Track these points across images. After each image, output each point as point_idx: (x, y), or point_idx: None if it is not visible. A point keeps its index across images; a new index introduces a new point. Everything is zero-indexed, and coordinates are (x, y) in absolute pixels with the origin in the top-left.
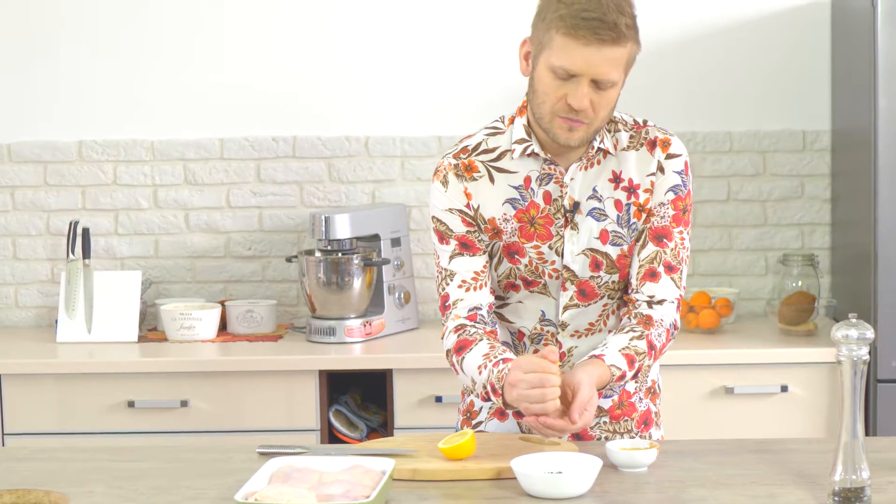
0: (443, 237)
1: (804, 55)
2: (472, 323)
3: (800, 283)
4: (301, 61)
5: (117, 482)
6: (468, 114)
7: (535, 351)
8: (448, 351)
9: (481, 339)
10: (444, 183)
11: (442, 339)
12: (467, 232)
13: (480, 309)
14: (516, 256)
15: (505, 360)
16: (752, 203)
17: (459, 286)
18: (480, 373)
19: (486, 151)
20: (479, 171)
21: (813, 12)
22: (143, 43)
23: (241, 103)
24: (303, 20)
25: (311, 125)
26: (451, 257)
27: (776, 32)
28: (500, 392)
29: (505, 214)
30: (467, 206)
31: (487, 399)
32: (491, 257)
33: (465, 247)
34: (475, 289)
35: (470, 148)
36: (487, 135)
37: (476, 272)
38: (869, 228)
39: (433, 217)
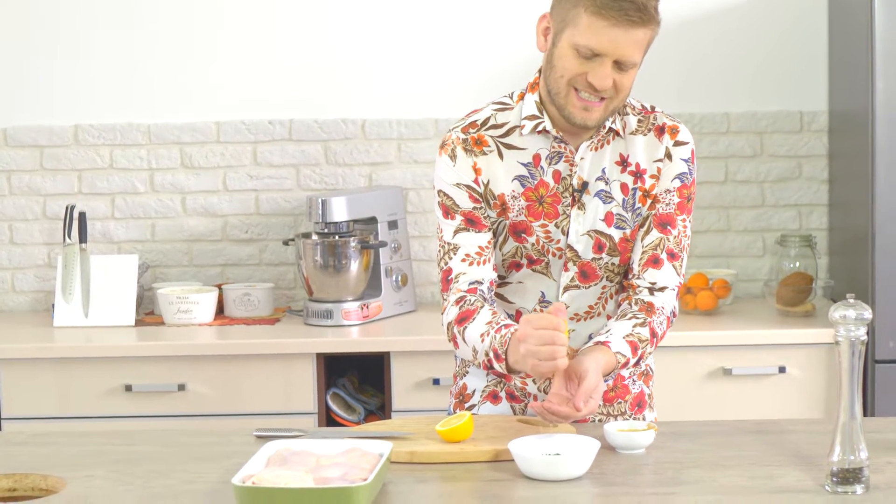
0: (448, 212)
1: (801, 36)
2: (472, 295)
3: (797, 263)
4: (297, 44)
5: (114, 466)
6: (465, 96)
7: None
8: (449, 324)
9: (483, 307)
10: (452, 157)
11: (442, 314)
12: (474, 208)
13: (481, 284)
14: (523, 235)
15: (507, 326)
16: (749, 184)
17: (463, 260)
18: (483, 340)
19: (494, 126)
20: (489, 146)
21: None
22: (140, 27)
23: (237, 86)
24: (300, 4)
25: (308, 108)
26: (456, 232)
27: (773, 13)
28: (504, 357)
29: (514, 191)
30: (475, 181)
31: (489, 367)
32: (495, 236)
33: (471, 223)
34: (478, 263)
35: (479, 122)
36: (496, 110)
37: (480, 247)
38: (866, 209)
39: (439, 191)
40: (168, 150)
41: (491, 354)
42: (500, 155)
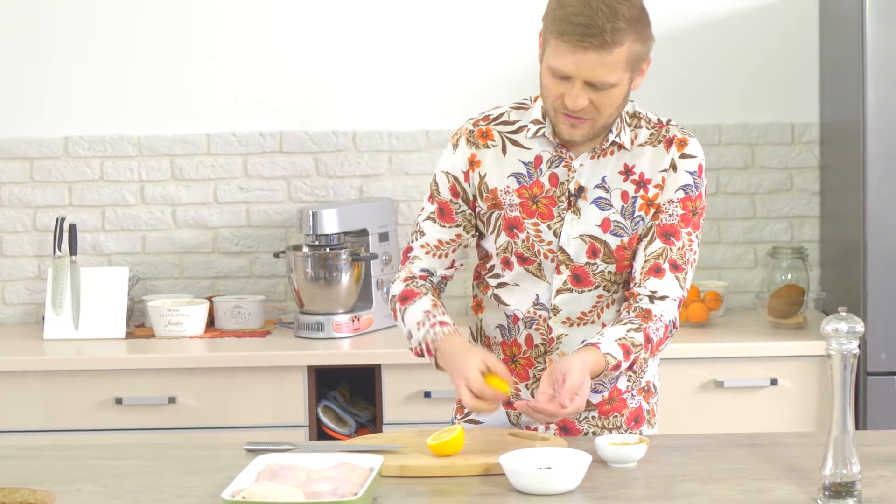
0: (432, 195)
1: (793, 47)
2: (421, 281)
3: (789, 275)
4: (288, 56)
5: (104, 480)
6: (456, 108)
7: (528, 336)
8: (393, 297)
9: (426, 294)
10: (455, 146)
11: (392, 283)
12: (450, 200)
13: (433, 275)
14: (515, 231)
15: (442, 324)
16: (741, 196)
17: (422, 247)
18: (419, 329)
19: (505, 123)
20: (494, 140)
21: (801, 4)
22: (130, 38)
23: (228, 98)
24: (290, 15)
25: (298, 120)
26: (427, 217)
27: (765, 25)
28: (434, 354)
29: (508, 187)
30: (467, 174)
31: (421, 355)
32: (487, 228)
33: (442, 214)
34: (435, 256)
35: (492, 117)
36: (512, 108)
37: (440, 241)
38: (858, 221)
39: (434, 174)
40: (158, 162)
41: (423, 346)
42: (504, 150)
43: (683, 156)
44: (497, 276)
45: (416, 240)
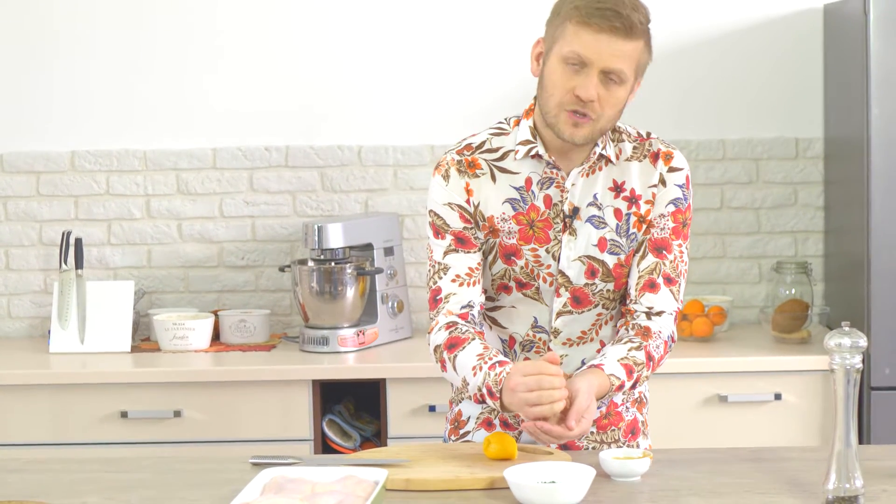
0: (438, 232)
1: (797, 63)
2: (464, 322)
3: (793, 290)
4: (293, 71)
5: (110, 493)
6: (461, 123)
7: (526, 360)
8: (437, 347)
9: (474, 339)
10: (446, 177)
11: (429, 333)
12: (464, 228)
13: (472, 308)
14: (513, 258)
15: (501, 364)
16: (745, 211)
17: (453, 280)
18: (475, 374)
19: (489, 150)
20: (482, 169)
21: (806, 20)
22: (136, 53)
23: (234, 113)
24: (295, 30)
25: (304, 134)
26: (446, 252)
27: (769, 40)
28: (498, 395)
29: (504, 214)
30: (467, 201)
31: (481, 402)
32: (485, 255)
33: (461, 242)
34: (468, 285)
35: (474, 146)
36: (492, 134)
37: (470, 268)
38: (862, 236)
39: (430, 211)
40: (164, 176)
41: (484, 390)
42: (493, 178)
43: (671, 169)
44: (491, 298)
45: (442, 278)
